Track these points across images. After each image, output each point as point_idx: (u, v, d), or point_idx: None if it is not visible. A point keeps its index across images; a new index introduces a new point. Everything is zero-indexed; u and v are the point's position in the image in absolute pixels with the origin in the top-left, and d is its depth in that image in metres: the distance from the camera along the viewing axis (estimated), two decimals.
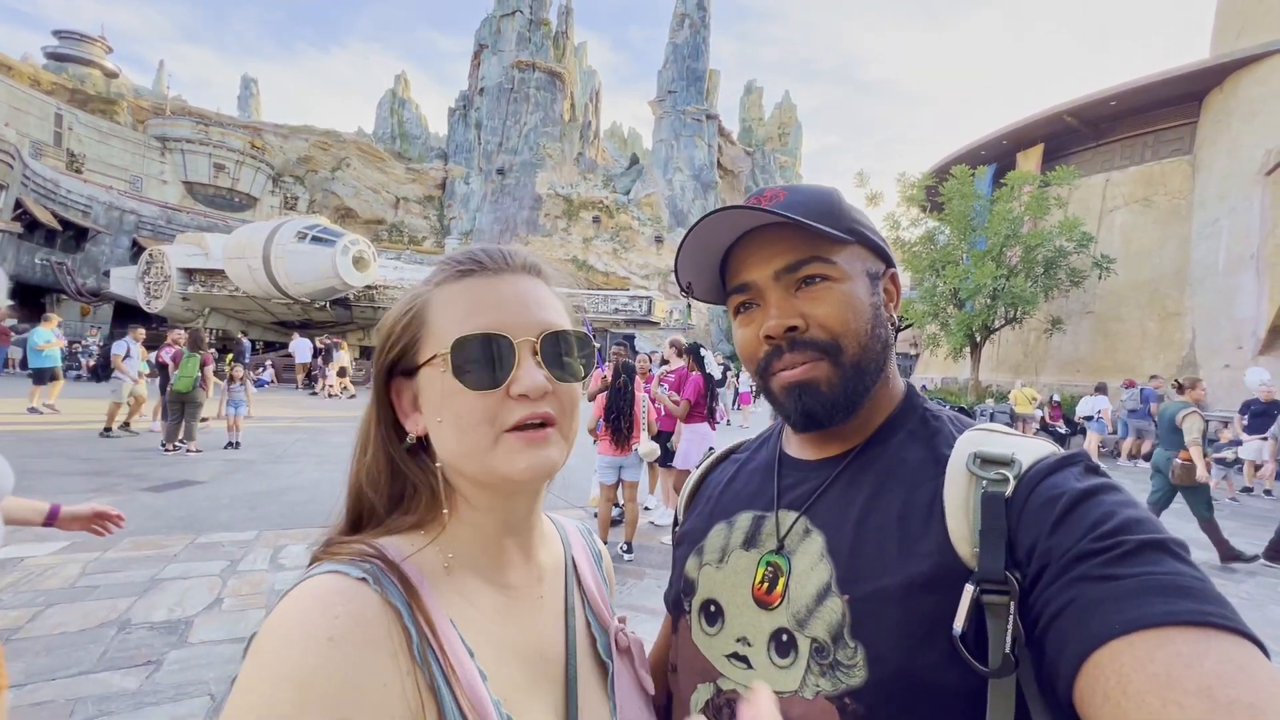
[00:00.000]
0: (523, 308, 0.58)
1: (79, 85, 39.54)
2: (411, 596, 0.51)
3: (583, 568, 0.73)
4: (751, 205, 0.65)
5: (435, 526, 0.59)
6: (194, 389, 8.42)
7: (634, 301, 30.57)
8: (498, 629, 0.57)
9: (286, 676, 0.42)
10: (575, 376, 0.60)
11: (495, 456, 0.55)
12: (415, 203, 50.14)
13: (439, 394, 0.56)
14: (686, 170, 53.19)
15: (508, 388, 0.55)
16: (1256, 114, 14.52)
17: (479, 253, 0.61)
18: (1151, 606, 0.41)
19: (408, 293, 0.62)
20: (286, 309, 21.62)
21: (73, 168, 31.41)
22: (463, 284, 0.59)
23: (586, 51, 68.69)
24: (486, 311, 0.57)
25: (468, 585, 0.57)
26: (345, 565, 0.50)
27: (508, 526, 0.61)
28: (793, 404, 0.67)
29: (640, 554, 5.14)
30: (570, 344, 0.60)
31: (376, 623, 0.47)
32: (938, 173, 19.01)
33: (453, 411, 0.55)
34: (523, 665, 0.57)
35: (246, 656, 0.45)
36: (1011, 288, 15.15)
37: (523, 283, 0.61)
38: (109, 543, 4.69)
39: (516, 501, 0.61)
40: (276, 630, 0.45)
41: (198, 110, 44.53)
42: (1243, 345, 13.96)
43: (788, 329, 0.65)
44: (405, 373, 0.60)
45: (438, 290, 0.60)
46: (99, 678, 2.86)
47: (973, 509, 0.55)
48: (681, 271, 0.73)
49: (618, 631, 0.69)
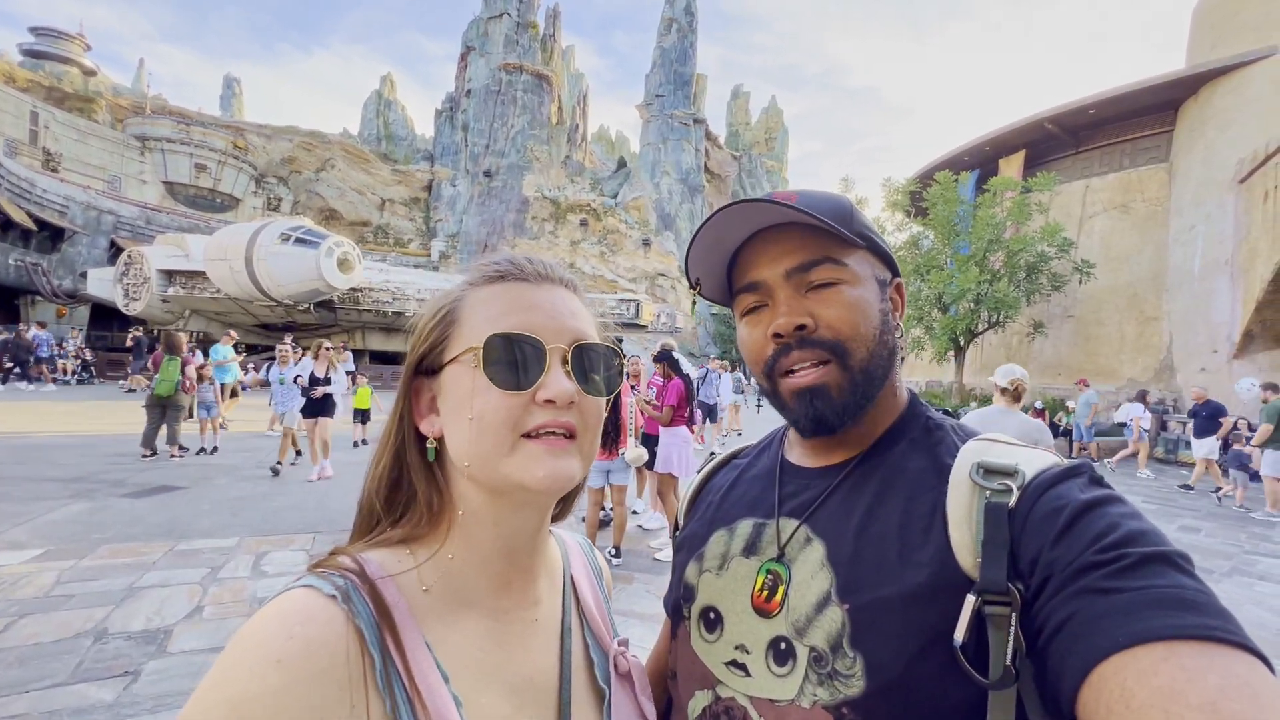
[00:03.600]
0: (557, 316, 0.58)
1: (56, 83, 38.75)
2: (383, 618, 0.49)
3: (582, 586, 0.72)
4: (768, 199, 0.64)
5: (431, 541, 0.57)
6: (175, 392, 8.27)
7: (622, 305, 30.55)
8: (481, 654, 0.55)
9: (226, 699, 0.42)
10: (600, 392, 0.60)
11: (512, 462, 0.54)
12: (401, 205, 49.75)
13: (464, 391, 0.55)
14: (674, 174, 53.34)
15: (534, 392, 0.54)
16: (1230, 123, 14.88)
17: (519, 258, 0.61)
18: (1155, 620, 0.41)
19: (441, 293, 0.62)
20: (269, 311, 21.37)
21: (49, 166, 30.75)
22: (499, 286, 0.59)
23: (574, 55, 68.67)
24: (522, 313, 0.57)
25: (456, 606, 0.56)
26: (321, 580, 0.49)
27: (511, 543, 0.59)
28: (803, 409, 0.66)
29: (628, 559, 5.13)
30: (598, 359, 0.60)
31: (332, 648, 0.46)
32: (922, 178, 19.26)
33: (476, 409, 0.54)
34: (508, 692, 0.55)
35: (209, 672, 0.45)
36: (994, 292, 15.37)
37: (558, 293, 0.60)
38: (85, 550, 4.59)
39: (526, 515, 0.59)
40: (236, 645, 0.45)
41: (179, 109, 43.81)
42: (1218, 349, 14.27)
43: (797, 327, 0.64)
44: (429, 371, 0.59)
45: (473, 291, 0.59)
46: (74, 689, 2.79)
47: (975, 519, 0.55)
48: (692, 267, 0.72)
49: (617, 655, 0.67)
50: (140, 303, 21.70)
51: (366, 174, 48.18)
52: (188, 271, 21.34)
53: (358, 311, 22.35)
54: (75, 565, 4.28)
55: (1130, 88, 16.95)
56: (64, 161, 32.34)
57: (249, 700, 0.42)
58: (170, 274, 21.53)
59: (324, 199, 44.96)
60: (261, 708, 0.42)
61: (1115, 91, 17.28)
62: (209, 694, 0.43)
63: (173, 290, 21.43)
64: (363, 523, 0.60)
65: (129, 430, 9.59)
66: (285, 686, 0.43)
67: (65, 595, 3.81)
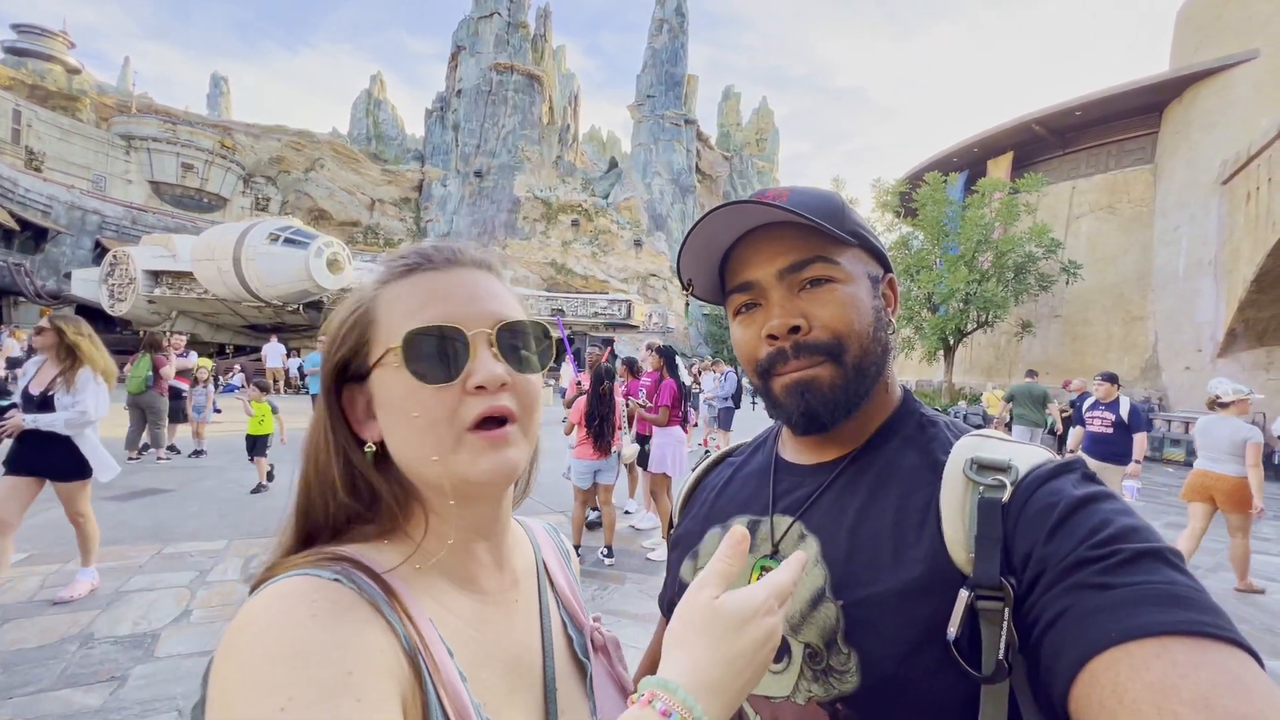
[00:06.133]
0: (474, 300, 0.56)
1: (39, 81, 38.20)
2: (390, 595, 0.49)
3: (553, 568, 0.72)
4: (758, 200, 0.64)
5: (400, 535, 0.56)
6: (145, 390, 8.02)
7: (613, 305, 30.55)
8: (474, 633, 0.55)
9: (276, 654, 0.39)
10: (534, 369, 0.58)
11: (458, 459, 0.52)
12: (391, 205, 49.46)
13: (394, 394, 0.53)
14: (665, 174, 53.43)
15: (464, 380, 0.53)
16: (1214, 125, 15.10)
17: (425, 249, 0.60)
18: (1148, 616, 0.41)
19: (352, 294, 0.60)
20: (258, 312, 21.15)
21: (32, 165, 30.28)
22: (410, 280, 0.57)
23: (565, 55, 68.58)
24: (437, 304, 0.55)
25: (441, 590, 0.55)
26: (313, 569, 0.47)
27: (475, 532, 0.59)
28: (794, 403, 0.66)
29: (621, 558, 5.12)
30: (526, 335, 0.58)
31: (359, 607, 0.45)
32: (911, 179, 19.42)
33: (409, 411, 0.52)
34: (501, 670, 0.56)
35: (213, 667, 0.41)
36: (983, 292, 15.52)
37: (472, 275, 0.58)
38: (69, 554, 4.53)
39: (479, 506, 0.58)
40: (248, 625, 0.42)
41: (165, 108, 43.33)
42: (1202, 348, 14.47)
43: (791, 328, 0.64)
44: (357, 378, 0.56)
45: (384, 289, 0.57)
46: (60, 695, 2.75)
47: (969, 514, 0.55)
48: (684, 268, 0.72)
49: (593, 630, 0.69)
50: (126, 304, 21.41)
51: (356, 174, 47.87)
52: (174, 272, 21.07)
53: None
54: (60, 569, 4.21)
55: (1116, 90, 17.17)
56: (47, 160, 31.86)
57: (304, 644, 0.40)
58: (156, 274, 21.25)
59: (313, 199, 44.60)
60: (322, 645, 0.40)
61: (1101, 94, 17.50)
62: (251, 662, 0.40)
63: (159, 291, 21.16)
64: (300, 529, 0.56)
65: (114, 433, 9.46)
66: (335, 627, 0.42)
67: (50, 600, 3.76)
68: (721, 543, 0.52)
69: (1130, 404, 6.32)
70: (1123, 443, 6.20)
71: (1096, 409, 6.48)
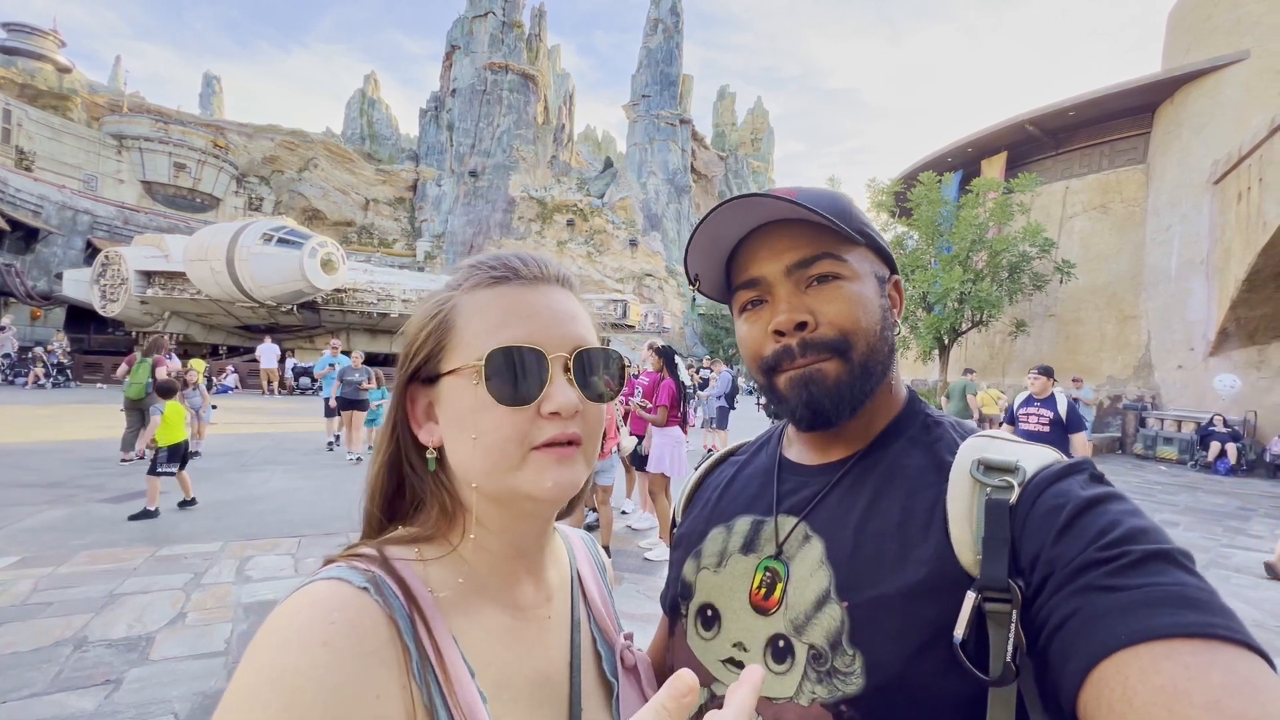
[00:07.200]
0: (557, 321, 0.56)
1: (29, 80, 37.86)
2: (414, 610, 0.49)
3: (588, 581, 0.71)
4: (770, 195, 0.63)
5: (444, 540, 0.56)
6: (146, 395, 8.03)
7: (609, 305, 30.46)
8: (503, 650, 0.55)
9: (277, 680, 0.41)
10: (602, 397, 0.58)
11: (522, 475, 0.53)
12: (386, 204, 49.29)
13: (466, 407, 0.53)
14: (660, 174, 53.40)
15: (539, 405, 0.53)
16: (1205, 126, 15.19)
17: (514, 259, 0.59)
18: (1158, 618, 0.41)
19: (433, 295, 0.59)
20: (251, 313, 21.03)
21: (22, 165, 30.02)
22: (495, 291, 0.56)
23: (559, 55, 68.47)
24: (521, 323, 0.54)
25: (474, 604, 0.55)
26: (348, 572, 0.48)
27: (519, 547, 0.59)
28: (798, 396, 0.65)
29: (618, 559, 5.12)
30: (599, 362, 0.58)
31: (374, 633, 0.45)
32: (906, 179, 19.46)
33: (481, 427, 0.53)
34: (527, 688, 0.55)
35: (242, 659, 0.44)
36: (978, 292, 15.57)
37: (556, 294, 0.58)
38: (64, 556, 4.50)
39: (531, 522, 0.58)
40: (272, 633, 0.44)
41: (157, 108, 43.01)
42: (1194, 347, 14.56)
43: (797, 325, 0.64)
44: (425, 379, 0.57)
45: (467, 296, 0.57)
46: (53, 699, 2.73)
47: (976, 516, 0.55)
48: (691, 263, 0.72)
49: (623, 649, 0.67)
50: (118, 304, 21.25)
51: (350, 174, 47.68)
52: (167, 272, 20.91)
53: (342, 313, 22.03)
54: (53, 572, 4.18)
55: (1109, 90, 17.24)
56: (38, 160, 31.60)
57: (305, 679, 0.41)
58: (149, 275, 21.08)
59: (307, 199, 44.41)
60: (319, 685, 0.41)
61: (1094, 94, 17.57)
62: (255, 681, 0.41)
63: (151, 291, 20.99)
64: (370, 530, 0.59)
65: (108, 435, 9.41)
66: (339, 664, 0.42)
67: (43, 603, 3.73)
68: (667, 683, 0.41)
69: (1068, 401, 5.67)
70: (1060, 444, 5.27)
71: (1031, 405, 5.79)
